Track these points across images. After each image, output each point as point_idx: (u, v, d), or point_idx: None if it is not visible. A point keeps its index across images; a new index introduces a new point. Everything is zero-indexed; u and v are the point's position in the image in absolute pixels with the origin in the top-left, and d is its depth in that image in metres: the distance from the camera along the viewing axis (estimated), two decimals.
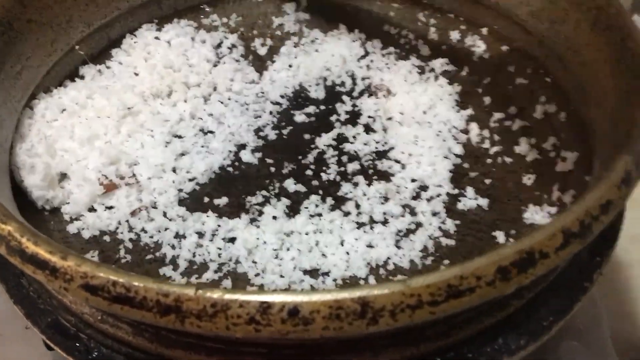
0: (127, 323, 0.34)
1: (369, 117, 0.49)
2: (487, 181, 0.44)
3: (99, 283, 0.29)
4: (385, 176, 0.45)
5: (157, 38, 0.55)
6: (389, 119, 0.49)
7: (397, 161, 0.46)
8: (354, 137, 0.48)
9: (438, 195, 0.43)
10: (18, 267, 0.38)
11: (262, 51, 0.55)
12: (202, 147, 0.47)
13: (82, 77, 0.52)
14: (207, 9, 0.59)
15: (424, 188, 0.44)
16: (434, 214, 0.42)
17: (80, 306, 0.35)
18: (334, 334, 0.28)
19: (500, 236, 0.41)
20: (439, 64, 0.53)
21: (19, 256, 0.31)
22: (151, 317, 0.28)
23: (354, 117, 0.49)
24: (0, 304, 0.47)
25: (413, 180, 0.44)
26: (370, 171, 0.45)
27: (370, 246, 0.40)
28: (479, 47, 0.54)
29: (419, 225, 0.42)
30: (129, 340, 0.34)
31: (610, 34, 0.42)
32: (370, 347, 0.32)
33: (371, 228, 0.41)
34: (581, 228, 0.30)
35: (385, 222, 0.42)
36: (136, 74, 0.52)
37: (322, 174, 0.45)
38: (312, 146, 0.47)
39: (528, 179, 0.44)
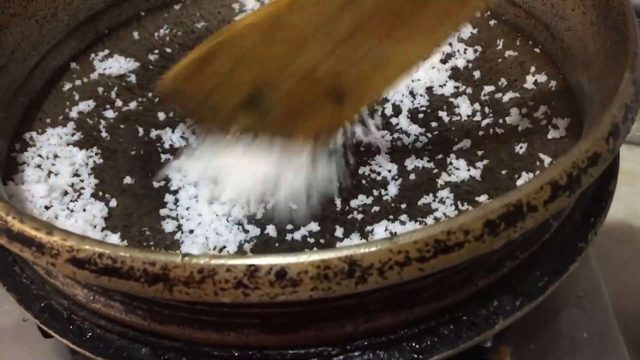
0: (119, 301, 0.34)
1: None
2: (479, 153, 0.44)
3: (85, 256, 0.29)
4: None
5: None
6: None
7: None
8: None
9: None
10: (8, 252, 0.39)
11: None
12: None
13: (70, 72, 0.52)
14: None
15: None
16: None
17: (72, 288, 0.35)
18: (323, 294, 0.27)
19: None
20: None
21: (5, 235, 0.31)
22: (139, 287, 0.28)
23: None
24: None
25: None
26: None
27: None
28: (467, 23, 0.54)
29: None
30: (122, 318, 0.34)
31: None
32: (363, 312, 0.32)
33: None
34: (569, 180, 0.30)
35: None
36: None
37: None
38: None
39: (520, 148, 0.44)
